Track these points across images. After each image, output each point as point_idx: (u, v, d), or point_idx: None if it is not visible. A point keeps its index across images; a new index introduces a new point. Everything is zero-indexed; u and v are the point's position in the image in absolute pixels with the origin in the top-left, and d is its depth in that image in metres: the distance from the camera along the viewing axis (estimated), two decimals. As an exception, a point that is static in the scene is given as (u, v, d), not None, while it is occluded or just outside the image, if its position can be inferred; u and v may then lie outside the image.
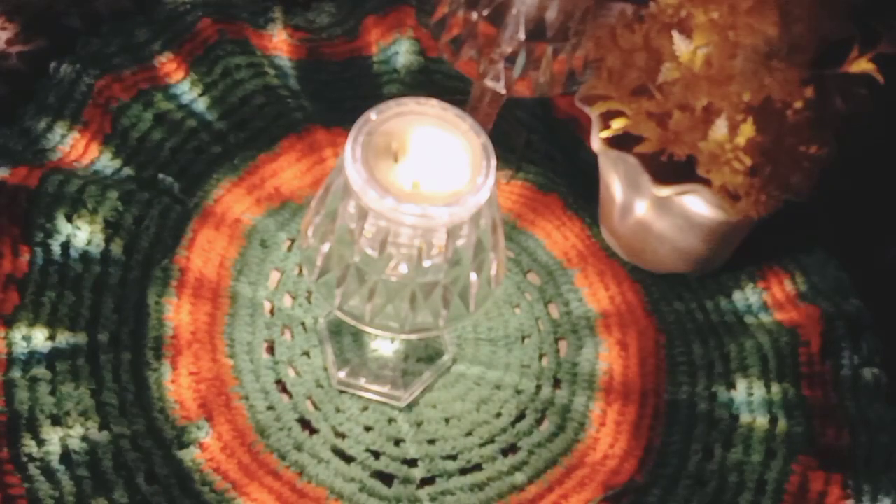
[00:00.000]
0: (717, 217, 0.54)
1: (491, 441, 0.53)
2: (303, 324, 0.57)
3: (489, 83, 0.57)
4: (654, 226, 0.57)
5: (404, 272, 0.44)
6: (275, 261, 0.59)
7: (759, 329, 0.58)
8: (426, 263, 0.43)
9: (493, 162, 0.43)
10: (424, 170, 0.43)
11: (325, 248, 0.45)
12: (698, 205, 0.54)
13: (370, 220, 0.42)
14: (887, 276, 0.61)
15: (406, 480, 0.51)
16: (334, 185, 0.44)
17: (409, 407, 0.54)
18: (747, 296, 0.60)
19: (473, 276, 0.45)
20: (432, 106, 0.44)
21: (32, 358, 0.52)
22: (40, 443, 0.50)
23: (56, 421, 0.50)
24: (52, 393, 0.51)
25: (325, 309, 0.57)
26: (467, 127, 0.44)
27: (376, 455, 0.52)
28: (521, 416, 0.55)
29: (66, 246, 0.56)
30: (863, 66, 0.50)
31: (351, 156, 0.42)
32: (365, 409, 0.54)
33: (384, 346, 0.55)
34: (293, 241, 0.60)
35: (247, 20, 0.69)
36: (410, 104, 0.44)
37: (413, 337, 0.46)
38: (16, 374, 0.51)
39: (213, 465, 0.51)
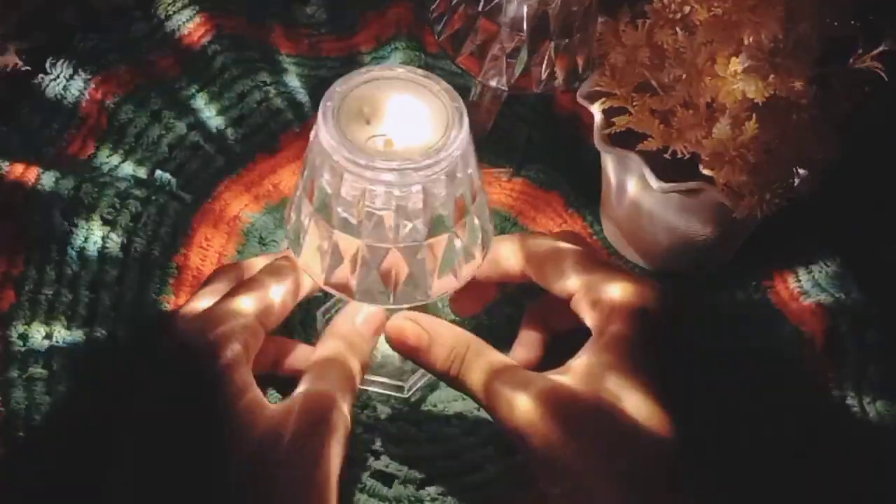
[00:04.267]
0: (720, 215, 0.54)
1: (492, 441, 0.53)
2: (301, 322, 0.56)
3: (490, 80, 0.57)
4: (657, 224, 0.56)
5: (385, 236, 0.43)
6: (274, 259, 0.59)
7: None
8: (405, 225, 0.43)
9: (466, 120, 0.42)
10: (397, 130, 0.43)
11: (307, 221, 0.44)
12: (701, 203, 0.53)
13: (346, 184, 0.41)
14: (892, 273, 0.61)
15: (407, 480, 0.51)
16: (310, 157, 0.43)
17: (410, 406, 0.53)
18: (750, 294, 0.59)
19: (458, 242, 0.44)
20: (401, 71, 0.44)
21: (29, 357, 0.51)
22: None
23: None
24: (49, 392, 0.51)
25: (322, 306, 0.56)
26: (439, 88, 0.43)
27: (376, 455, 0.52)
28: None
29: (62, 244, 0.56)
30: (867, 63, 0.50)
31: (322, 119, 0.41)
32: (365, 408, 0.54)
33: (384, 341, 0.55)
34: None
35: (245, 16, 0.69)
36: (378, 71, 0.43)
37: (403, 307, 0.46)
38: (13, 373, 0.51)
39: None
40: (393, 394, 0.53)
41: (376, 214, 0.42)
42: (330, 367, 0.46)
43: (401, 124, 0.43)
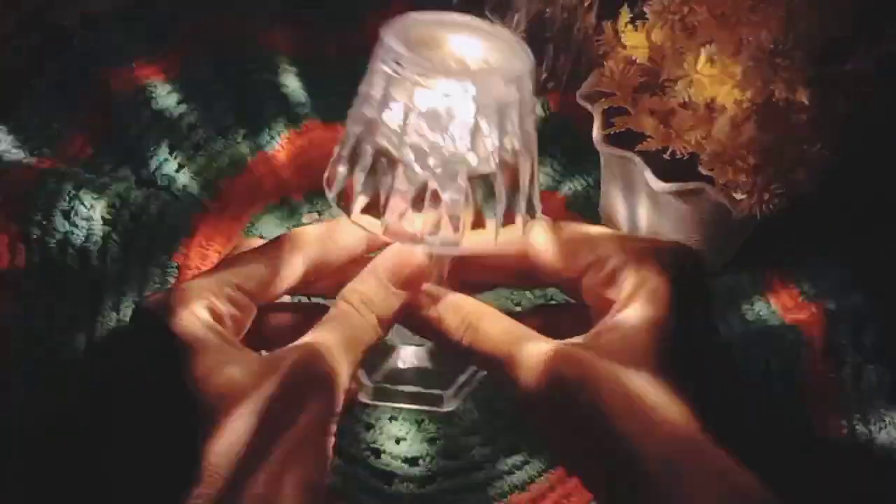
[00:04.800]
0: (719, 215, 0.54)
1: (492, 440, 0.53)
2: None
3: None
4: (656, 224, 0.56)
5: (455, 162, 0.40)
6: (274, 258, 0.59)
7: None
8: (481, 148, 0.40)
9: (529, 50, 0.41)
10: (466, 55, 0.42)
11: (368, 159, 0.41)
12: (701, 203, 0.54)
13: (417, 110, 0.39)
14: (892, 273, 0.61)
15: (407, 479, 0.51)
16: (370, 95, 0.41)
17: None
18: (749, 294, 0.60)
19: (499, 192, 0.41)
20: (454, 15, 0.43)
21: (31, 357, 0.52)
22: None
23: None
24: (50, 391, 0.51)
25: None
26: (492, 28, 0.42)
27: (377, 453, 0.52)
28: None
29: (63, 244, 0.56)
30: (867, 64, 0.50)
31: (391, 44, 0.40)
32: (366, 407, 0.54)
33: (407, 348, 0.50)
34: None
35: (246, 15, 0.69)
36: (431, 15, 0.43)
37: (469, 251, 0.42)
38: (14, 373, 0.51)
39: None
40: (429, 408, 0.48)
41: (421, 138, 0.40)
42: (333, 324, 0.42)
43: (467, 52, 0.42)
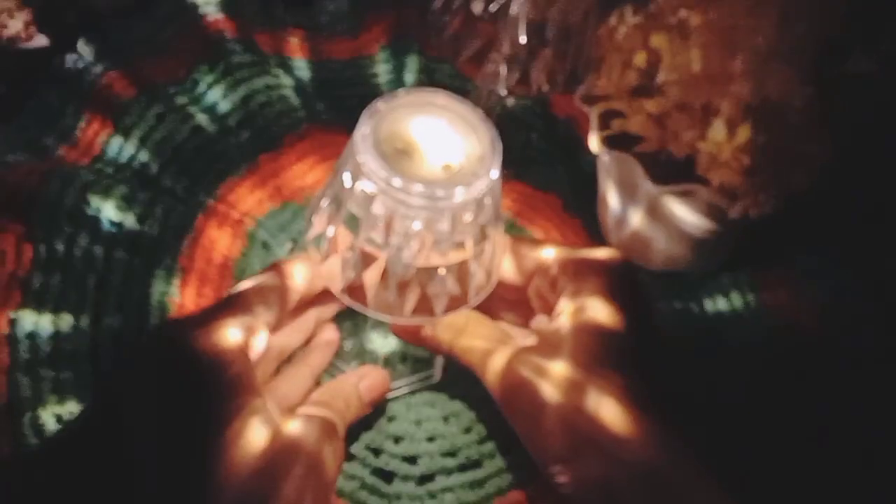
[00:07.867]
0: (715, 216, 0.54)
1: (490, 438, 0.54)
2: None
3: (489, 83, 0.58)
4: (653, 225, 0.57)
5: (407, 257, 0.44)
6: (276, 260, 0.59)
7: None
8: (430, 249, 0.44)
9: (500, 150, 0.43)
10: (434, 160, 0.44)
11: (331, 232, 0.45)
12: (697, 204, 0.54)
13: (377, 205, 0.42)
14: (889, 272, 0.61)
15: (406, 477, 0.52)
16: (341, 171, 0.44)
17: (408, 406, 0.54)
18: (746, 293, 0.60)
19: (475, 266, 0.45)
20: (439, 95, 0.44)
21: (35, 358, 0.52)
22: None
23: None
24: (55, 391, 0.51)
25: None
26: (475, 117, 0.44)
27: (376, 452, 0.53)
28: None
29: (69, 244, 0.57)
30: (864, 65, 0.50)
31: (362, 141, 0.42)
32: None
33: (380, 342, 0.56)
34: (295, 241, 0.61)
35: (249, 18, 0.70)
36: (417, 94, 0.44)
37: (411, 322, 0.48)
38: (20, 375, 0.51)
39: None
40: (425, 384, 0.55)
41: (403, 236, 0.43)
42: (324, 410, 0.47)
43: (434, 154, 0.43)
